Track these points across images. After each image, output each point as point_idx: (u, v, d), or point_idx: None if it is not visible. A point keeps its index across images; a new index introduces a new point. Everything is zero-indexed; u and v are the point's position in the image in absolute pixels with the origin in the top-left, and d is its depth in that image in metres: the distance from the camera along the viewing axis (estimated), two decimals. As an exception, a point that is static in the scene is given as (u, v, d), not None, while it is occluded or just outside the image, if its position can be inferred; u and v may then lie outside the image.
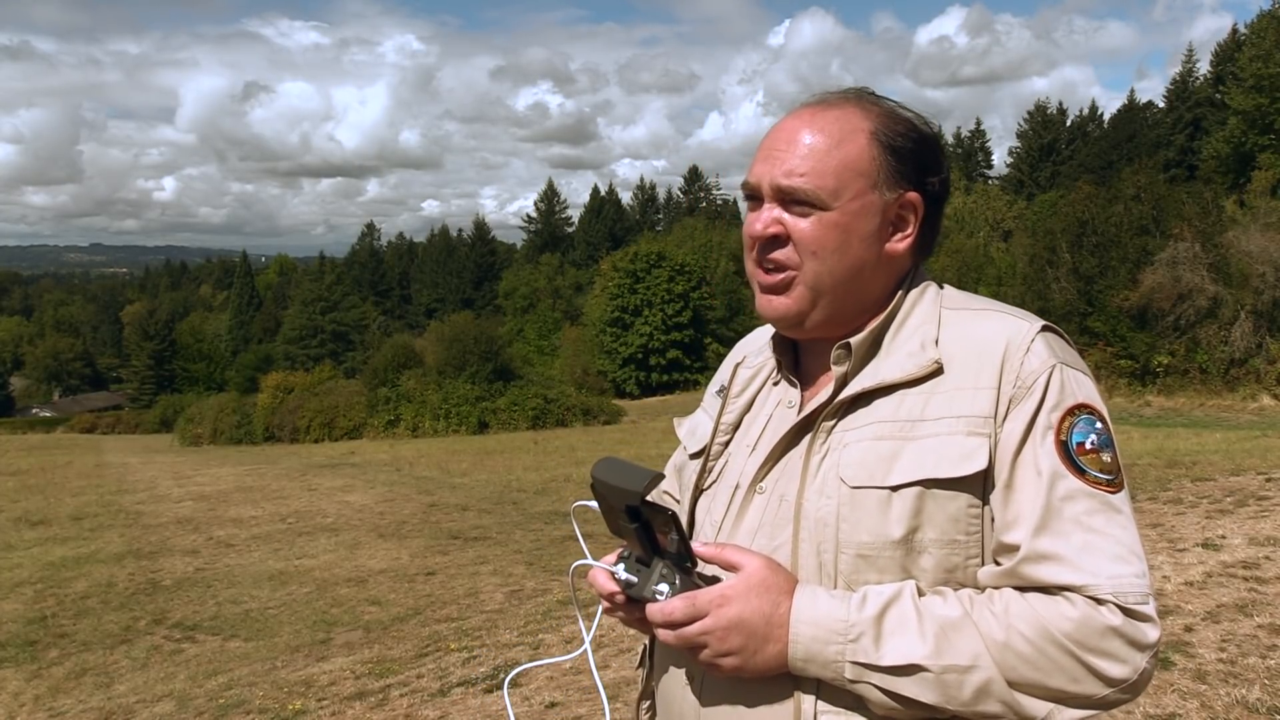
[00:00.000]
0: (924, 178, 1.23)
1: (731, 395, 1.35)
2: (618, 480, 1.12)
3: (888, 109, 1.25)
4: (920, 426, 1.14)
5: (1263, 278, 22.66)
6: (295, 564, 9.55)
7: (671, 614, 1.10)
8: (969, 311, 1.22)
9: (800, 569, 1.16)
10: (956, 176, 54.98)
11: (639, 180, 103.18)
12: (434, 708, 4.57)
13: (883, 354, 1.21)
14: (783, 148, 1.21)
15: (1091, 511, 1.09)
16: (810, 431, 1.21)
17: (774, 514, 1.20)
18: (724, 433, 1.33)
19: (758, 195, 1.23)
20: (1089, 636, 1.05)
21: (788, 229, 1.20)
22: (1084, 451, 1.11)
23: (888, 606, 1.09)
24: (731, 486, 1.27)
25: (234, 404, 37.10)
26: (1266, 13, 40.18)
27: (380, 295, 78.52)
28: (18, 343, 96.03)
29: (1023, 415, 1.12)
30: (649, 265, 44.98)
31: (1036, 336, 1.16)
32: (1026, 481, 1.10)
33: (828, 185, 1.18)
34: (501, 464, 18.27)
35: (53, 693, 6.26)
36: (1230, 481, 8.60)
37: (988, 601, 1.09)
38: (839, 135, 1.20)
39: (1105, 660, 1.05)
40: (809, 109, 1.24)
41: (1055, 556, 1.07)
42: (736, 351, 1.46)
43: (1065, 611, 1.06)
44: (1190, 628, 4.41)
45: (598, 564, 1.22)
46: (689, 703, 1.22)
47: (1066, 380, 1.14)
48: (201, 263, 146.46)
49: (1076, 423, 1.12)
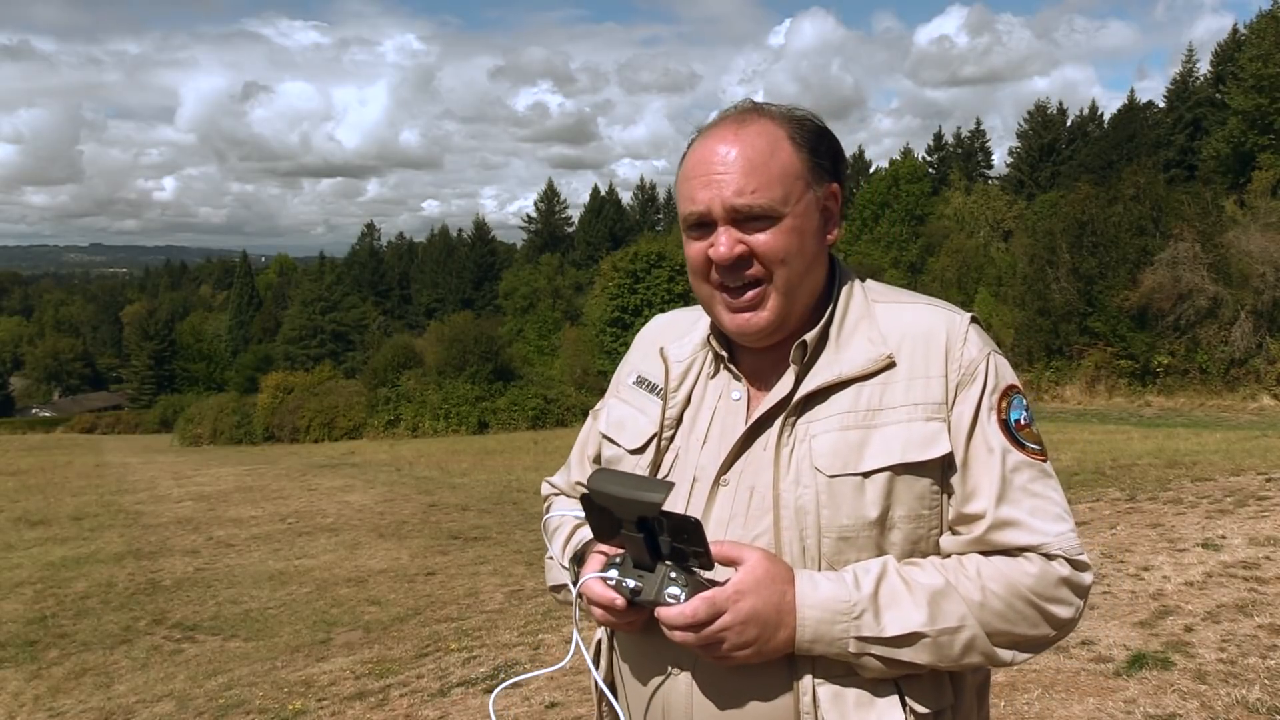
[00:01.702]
0: (837, 167, 1.32)
1: (670, 390, 1.38)
2: (625, 492, 1.14)
3: (787, 113, 1.30)
4: (881, 415, 1.24)
5: (1263, 278, 22.65)
6: (295, 564, 9.55)
7: (695, 615, 1.14)
8: (897, 305, 1.32)
9: (784, 554, 1.22)
10: (957, 177, 54.99)
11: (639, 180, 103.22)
12: (434, 708, 4.56)
13: (832, 349, 1.29)
14: (721, 170, 1.24)
15: (1034, 479, 1.25)
16: (770, 425, 1.27)
17: (745, 504, 1.26)
18: (669, 428, 1.36)
19: (707, 221, 1.26)
20: (1047, 588, 1.21)
21: (749, 246, 1.24)
22: (1020, 427, 1.26)
23: (880, 582, 1.18)
24: (689, 480, 1.31)
25: (234, 404, 37.03)
26: (1267, 13, 40.10)
27: (380, 295, 78.45)
28: (18, 343, 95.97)
29: (969, 399, 1.25)
30: (649, 265, 44.92)
31: (969, 328, 1.29)
32: (980, 457, 1.24)
33: (777, 195, 1.24)
34: (501, 464, 18.27)
35: (53, 693, 6.26)
36: (1230, 482, 8.60)
37: (959, 567, 1.22)
38: (768, 146, 1.25)
39: (1058, 605, 1.22)
40: (727, 129, 1.28)
41: (1015, 522, 1.22)
42: (650, 343, 1.48)
43: (1027, 569, 1.21)
44: (1190, 628, 4.41)
45: (597, 575, 1.22)
46: (679, 692, 1.24)
47: (999, 366, 1.28)
48: (201, 263, 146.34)
49: (1012, 402, 1.27)
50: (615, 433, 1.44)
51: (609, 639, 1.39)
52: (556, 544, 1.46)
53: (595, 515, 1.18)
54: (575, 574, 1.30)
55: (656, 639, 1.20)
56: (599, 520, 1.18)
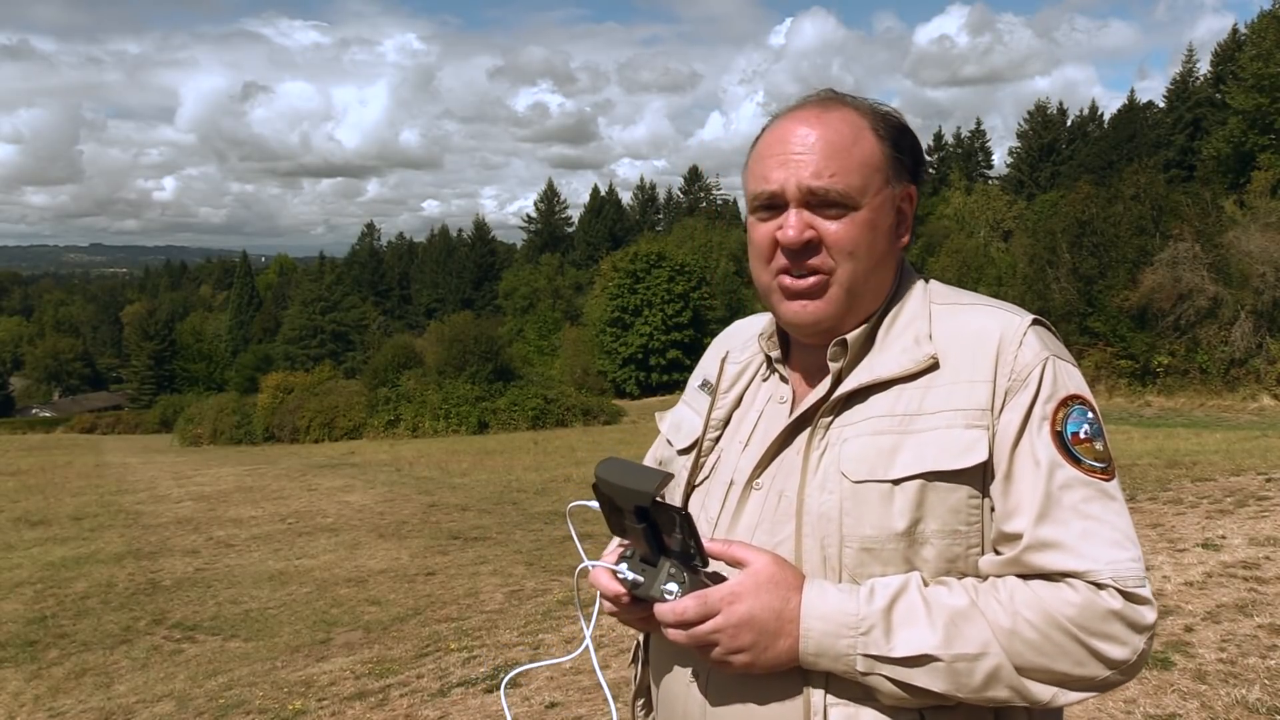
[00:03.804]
0: (917, 169, 1.26)
1: (720, 391, 1.35)
2: (626, 481, 1.12)
3: (872, 105, 1.26)
4: (918, 420, 1.15)
5: (1263, 278, 22.66)
6: (295, 564, 9.55)
7: (684, 613, 1.10)
8: (958, 306, 1.23)
9: (804, 563, 1.16)
10: (957, 177, 55.02)
11: (639, 180, 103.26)
12: (434, 708, 4.56)
13: (877, 349, 1.21)
14: (800, 150, 1.18)
15: (1088, 499, 1.11)
16: (806, 428, 1.21)
17: (773, 510, 1.20)
18: (714, 429, 1.33)
19: (779, 202, 1.19)
20: (1091, 620, 1.07)
21: (820, 232, 1.18)
22: (1078, 441, 1.14)
23: (896, 598, 1.10)
24: (725, 483, 1.27)
25: (234, 404, 37.04)
26: (1267, 13, 40.09)
27: (380, 295, 78.50)
28: (18, 343, 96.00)
29: (1019, 407, 1.13)
30: (649, 265, 44.95)
31: (1029, 330, 1.18)
32: (1025, 471, 1.12)
33: (855, 184, 1.18)
34: (501, 464, 18.27)
35: (53, 693, 6.26)
36: (1230, 482, 8.60)
37: (992, 589, 1.11)
38: (851, 134, 1.19)
39: (1107, 643, 1.07)
40: (810, 112, 1.22)
41: (1057, 544, 1.10)
42: (719, 345, 1.46)
43: (1068, 597, 1.08)
44: (1190, 628, 4.41)
45: (602, 564, 1.21)
46: (694, 700, 1.22)
47: (1059, 372, 1.16)
48: (201, 263, 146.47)
49: (1070, 413, 1.14)
50: (672, 434, 1.41)
51: (644, 640, 1.38)
52: (612, 543, 1.46)
53: (604, 505, 1.17)
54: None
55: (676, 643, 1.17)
56: (608, 510, 1.17)
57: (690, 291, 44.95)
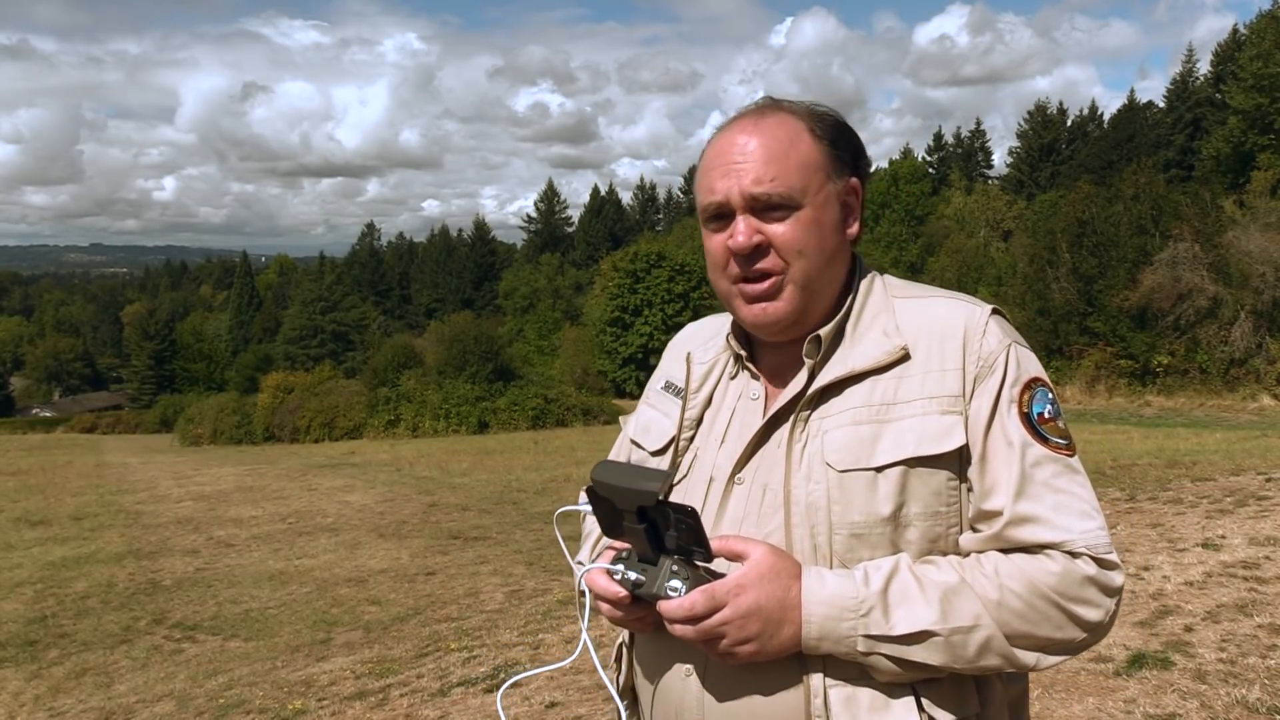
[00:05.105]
0: (858, 162, 1.31)
1: (690, 391, 1.38)
2: (626, 482, 1.13)
3: (807, 107, 1.30)
4: (895, 409, 1.21)
5: (1263, 278, 22.67)
6: (295, 564, 9.55)
7: (694, 607, 1.13)
8: (918, 299, 1.30)
9: (795, 552, 1.20)
10: (957, 177, 55.00)
11: (639, 180, 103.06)
12: (434, 708, 4.57)
13: (848, 343, 1.27)
14: (740, 159, 1.23)
15: (1057, 474, 1.20)
16: (785, 422, 1.26)
17: (759, 502, 1.24)
18: (688, 428, 1.36)
19: (727, 211, 1.25)
20: (1070, 587, 1.16)
21: (767, 236, 1.23)
22: (1044, 421, 1.22)
23: (890, 579, 1.15)
24: (705, 480, 1.30)
25: (234, 404, 37.02)
26: (1267, 13, 40.08)
27: (380, 295, 78.45)
28: (18, 343, 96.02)
29: (988, 392, 1.21)
30: (649, 265, 44.97)
31: (989, 319, 1.25)
32: (999, 452, 1.20)
33: (796, 184, 1.23)
34: (501, 464, 18.27)
35: (53, 693, 6.26)
36: (1230, 481, 8.60)
37: (976, 565, 1.18)
38: (788, 137, 1.25)
39: (1084, 607, 1.16)
40: (748, 120, 1.27)
41: (1035, 518, 1.17)
42: (678, 348, 1.49)
43: (1049, 567, 1.16)
44: (1190, 628, 4.41)
45: (600, 566, 1.22)
46: (691, 694, 1.23)
47: (1021, 358, 1.24)
48: (201, 263, 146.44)
49: (1035, 395, 1.22)
50: (641, 436, 1.44)
51: (629, 641, 1.40)
52: (585, 547, 1.47)
53: (600, 508, 1.18)
54: None
55: (669, 639, 1.19)
56: (604, 513, 1.18)
57: (690, 291, 44.95)
